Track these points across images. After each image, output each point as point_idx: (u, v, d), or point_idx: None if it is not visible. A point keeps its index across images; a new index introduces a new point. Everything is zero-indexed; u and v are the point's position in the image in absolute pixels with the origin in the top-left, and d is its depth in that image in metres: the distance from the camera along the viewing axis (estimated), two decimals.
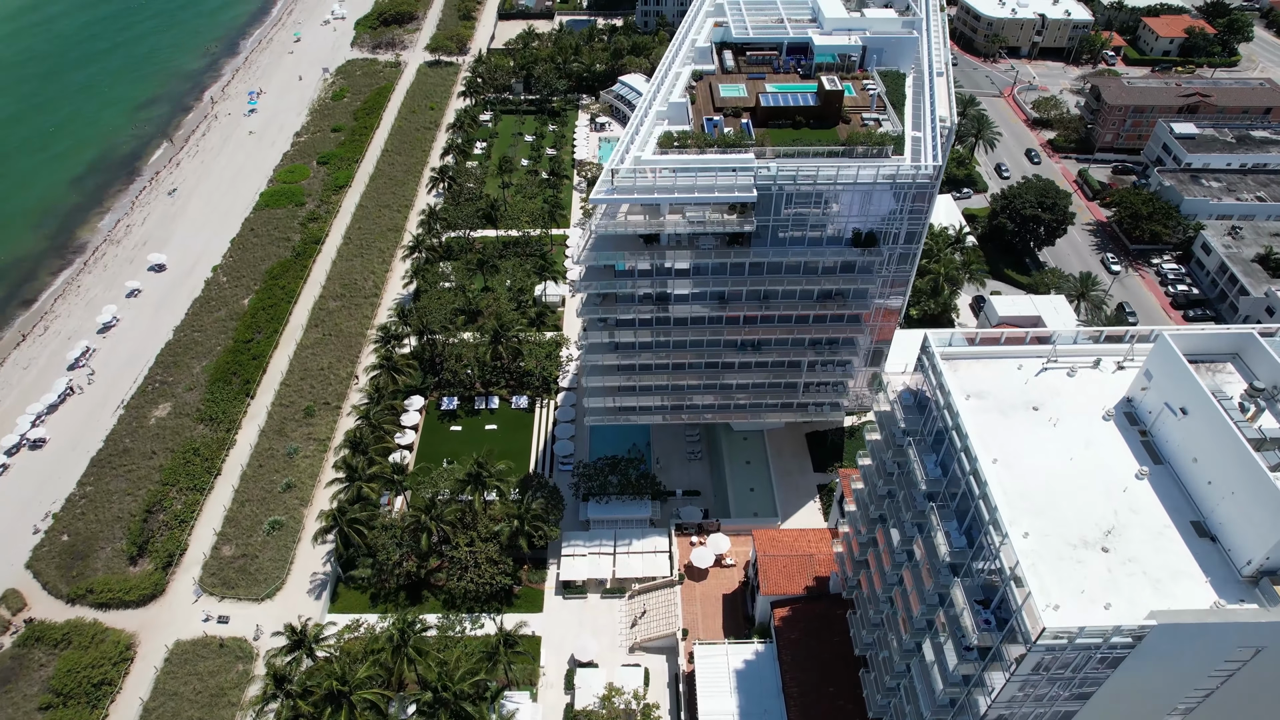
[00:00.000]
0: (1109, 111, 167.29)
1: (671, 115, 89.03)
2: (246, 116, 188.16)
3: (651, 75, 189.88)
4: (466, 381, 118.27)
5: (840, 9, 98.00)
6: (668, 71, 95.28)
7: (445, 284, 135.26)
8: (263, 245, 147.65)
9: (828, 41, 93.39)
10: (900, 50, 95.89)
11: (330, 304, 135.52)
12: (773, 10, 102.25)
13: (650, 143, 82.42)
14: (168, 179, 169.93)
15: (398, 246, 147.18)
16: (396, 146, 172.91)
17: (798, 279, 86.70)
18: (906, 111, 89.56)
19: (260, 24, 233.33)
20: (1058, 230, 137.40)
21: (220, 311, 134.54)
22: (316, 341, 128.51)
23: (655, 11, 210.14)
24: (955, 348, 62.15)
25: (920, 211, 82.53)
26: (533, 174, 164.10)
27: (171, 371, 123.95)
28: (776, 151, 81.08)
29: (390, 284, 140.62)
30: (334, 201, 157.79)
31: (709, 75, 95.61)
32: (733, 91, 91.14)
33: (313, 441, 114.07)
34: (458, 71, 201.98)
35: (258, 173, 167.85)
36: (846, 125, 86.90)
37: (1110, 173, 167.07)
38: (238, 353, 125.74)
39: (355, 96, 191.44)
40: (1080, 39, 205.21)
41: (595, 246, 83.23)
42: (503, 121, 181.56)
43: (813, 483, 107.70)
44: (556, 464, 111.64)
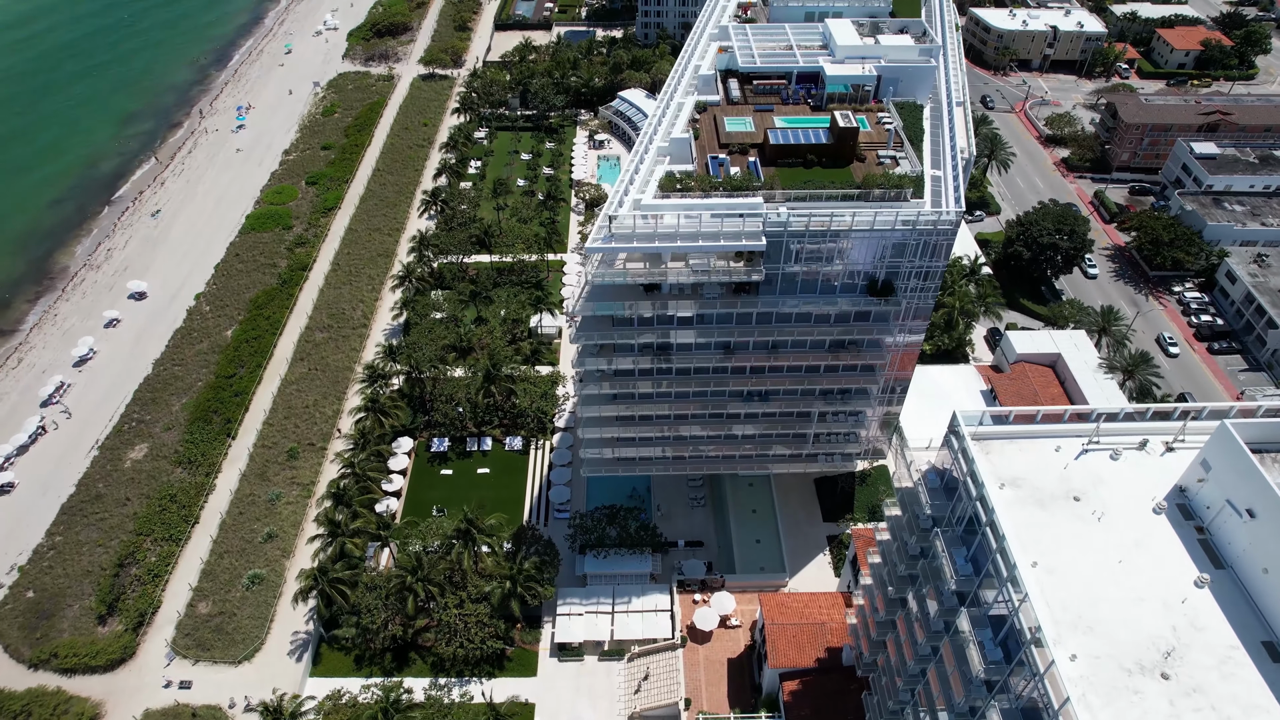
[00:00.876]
0: (1125, 130, 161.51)
1: (674, 152, 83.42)
2: (234, 133, 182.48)
3: (652, 90, 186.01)
4: (458, 421, 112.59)
5: (853, 35, 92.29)
6: (669, 102, 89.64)
7: (437, 314, 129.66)
8: (248, 272, 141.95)
9: (840, 71, 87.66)
10: (917, 79, 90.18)
11: (317, 335, 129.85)
12: (781, 36, 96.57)
13: (651, 184, 76.73)
14: (151, 200, 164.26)
15: (388, 273, 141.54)
16: (388, 165, 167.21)
17: (809, 328, 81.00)
18: (925, 147, 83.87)
19: (251, 35, 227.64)
20: (1076, 258, 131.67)
21: (202, 343, 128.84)
22: (302, 376, 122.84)
23: (656, 24, 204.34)
24: (987, 427, 56.37)
25: (941, 257, 76.78)
26: (529, 195, 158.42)
27: (149, 409, 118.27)
28: (787, 195, 75.38)
29: (380, 313, 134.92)
30: (323, 225, 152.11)
31: (713, 107, 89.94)
32: (739, 126, 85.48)
33: (296, 486, 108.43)
34: (452, 85, 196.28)
35: (244, 194, 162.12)
36: (861, 164, 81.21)
37: (1127, 193, 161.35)
38: (219, 389, 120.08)
39: (346, 112, 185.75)
40: (1093, 52, 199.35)
41: (591, 297, 77.51)
42: (498, 139, 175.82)
43: (822, 534, 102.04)
44: (552, 511, 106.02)
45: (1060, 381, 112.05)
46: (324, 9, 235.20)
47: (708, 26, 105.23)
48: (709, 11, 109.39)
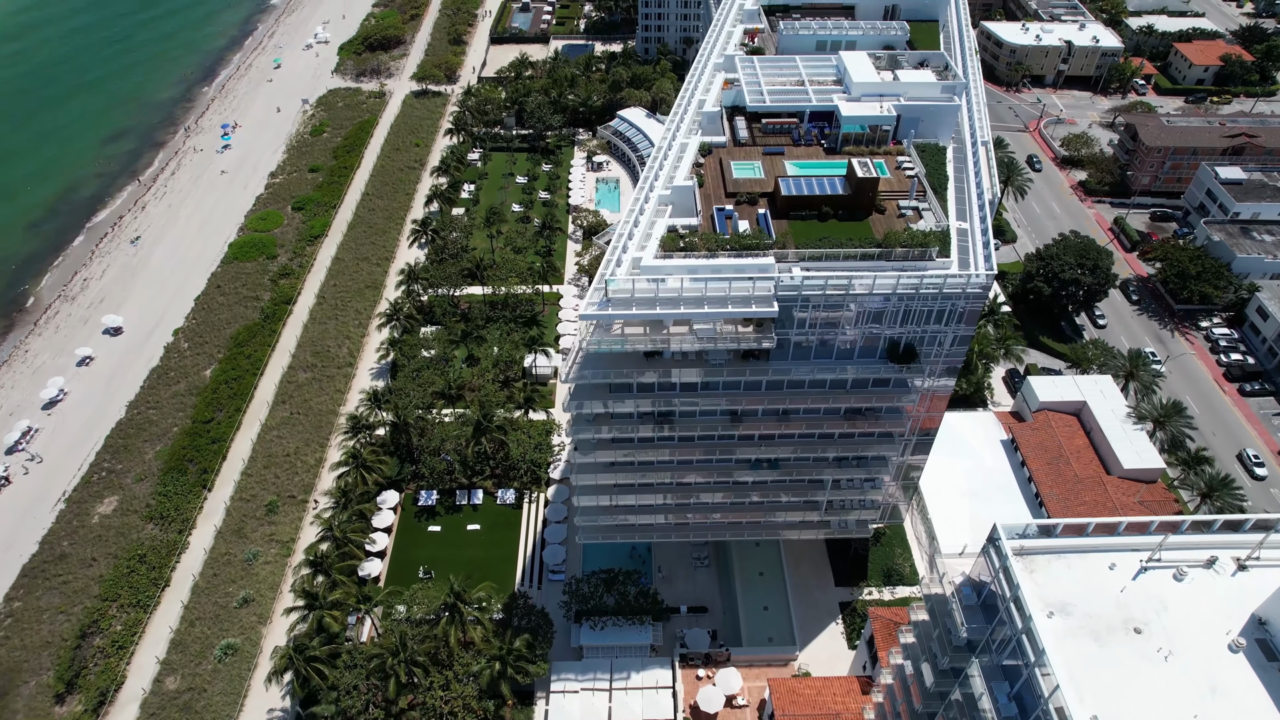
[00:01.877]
0: (1146, 153, 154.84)
1: (676, 201, 76.77)
2: (220, 153, 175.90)
3: (653, 109, 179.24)
4: (447, 474, 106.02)
5: (869, 70, 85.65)
6: (671, 142, 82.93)
7: (426, 352, 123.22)
8: (229, 305, 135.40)
9: (857, 112, 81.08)
10: (939, 119, 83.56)
11: (300, 376, 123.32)
12: (791, 70, 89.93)
13: (652, 242, 70.13)
14: (131, 225, 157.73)
15: (376, 307, 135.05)
16: (378, 189, 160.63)
17: (823, 395, 74.46)
18: (949, 195, 77.25)
19: (240, 49, 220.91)
20: (1099, 294, 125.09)
21: (179, 384, 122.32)
22: (283, 421, 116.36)
23: (656, 38, 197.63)
24: (1031, 540, 49.80)
25: (969, 322, 70.21)
26: (524, 221, 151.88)
27: (121, 457, 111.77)
28: (800, 254, 68.84)
29: (366, 351, 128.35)
30: (308, 254, 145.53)
31: (719, 149, 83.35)
32: (747, 172, 78.90)
33: (275, 544, 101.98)
34: (446, 102, 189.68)
35: (228, 219, 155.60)
36: (881, 215, 74.62)
37: (1148, 219, 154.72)
38: (196, 435, 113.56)
39: (336, 131, 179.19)
40: (1109, 67, 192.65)
41: (586, 364, 70.94)
42: (492, 161, 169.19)
43: (835, 599, 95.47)
44: (546, 573, 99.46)
45: (1086, 432, 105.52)
46: (315, 21, 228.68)
47: (712, 55, 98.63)
48: (714, 38, 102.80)
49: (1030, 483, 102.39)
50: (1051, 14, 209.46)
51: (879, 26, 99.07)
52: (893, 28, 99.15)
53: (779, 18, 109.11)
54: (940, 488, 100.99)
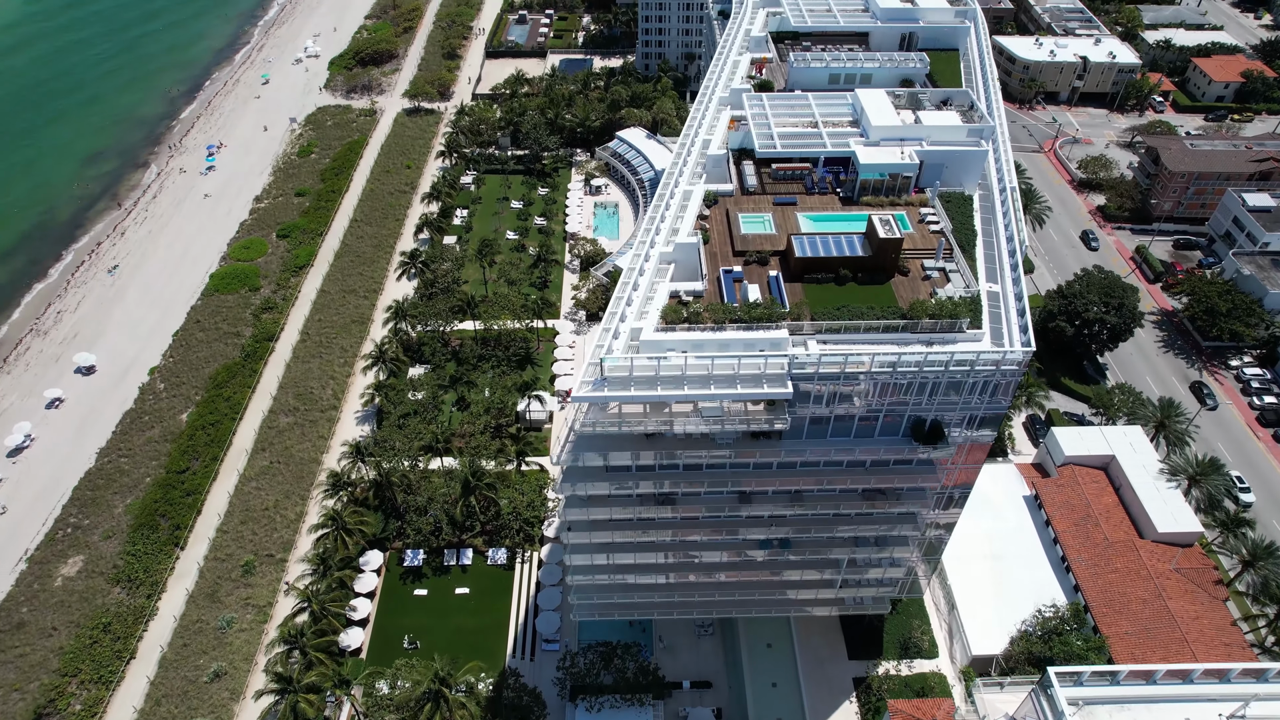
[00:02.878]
0: (1169, 178, 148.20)
1: (678, 259, 70.23)
2: (204, 175, 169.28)
3: (653, 129, 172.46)
4: (433, 535, 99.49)
5: (889, 111, 78.95)
6: (673, 189, 76.37)
7: (414, 394, 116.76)
8: (209, 342, 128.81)
9: (876, 159, 74.40)
10: (965, 165, 76.96)
11: (281, 420, 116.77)
12: (803, 109, 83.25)
13: (652, 312, 63.54)
14: (110, 253, 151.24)
15: (362, 344, 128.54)
16: (367, 215, 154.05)
17: (840, 476, 67.89)
18: (978, 252, 70.76)
19: (227, 63, 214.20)
20: (1124, 334, 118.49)
21: (153, 430, 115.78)
22: (262, 471, 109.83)
23: (657, 54, 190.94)
24: (1089, 689, 43.30)
25: (1004, 398, 63.68)
26: (519, 250, 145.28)
27: (89, 511, 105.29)
28: (817, 326, 62.27)
29: (352, 392, 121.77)
30: (293, 285, 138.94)
31: (725, 198, 76.73)
32: (756, 227, 72.30)
33: (251, 609, 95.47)
34: (439, 120, 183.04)
35: (210, 247, 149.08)
36: (904, 277, 68.02)
37: (1171, 247, 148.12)
38: (169, 487, 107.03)
39: (324, 151, 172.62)
40: (1125, 84, 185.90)
41: (579, 447, 64.34)
42: (486, 184, 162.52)
43: (848, 674, 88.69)
44: (540, 643, 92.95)
45: (1115, 488, 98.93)
46: (306, 33, 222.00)
47: (717, 88, 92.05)
48: (719, 68, 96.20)
49: (1056, 544, 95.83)
50: (1065, 27, 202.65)
51: (896, 58, 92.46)
52: (910, 59, 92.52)
53: (788, 46, 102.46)
54: (959, 550, 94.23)
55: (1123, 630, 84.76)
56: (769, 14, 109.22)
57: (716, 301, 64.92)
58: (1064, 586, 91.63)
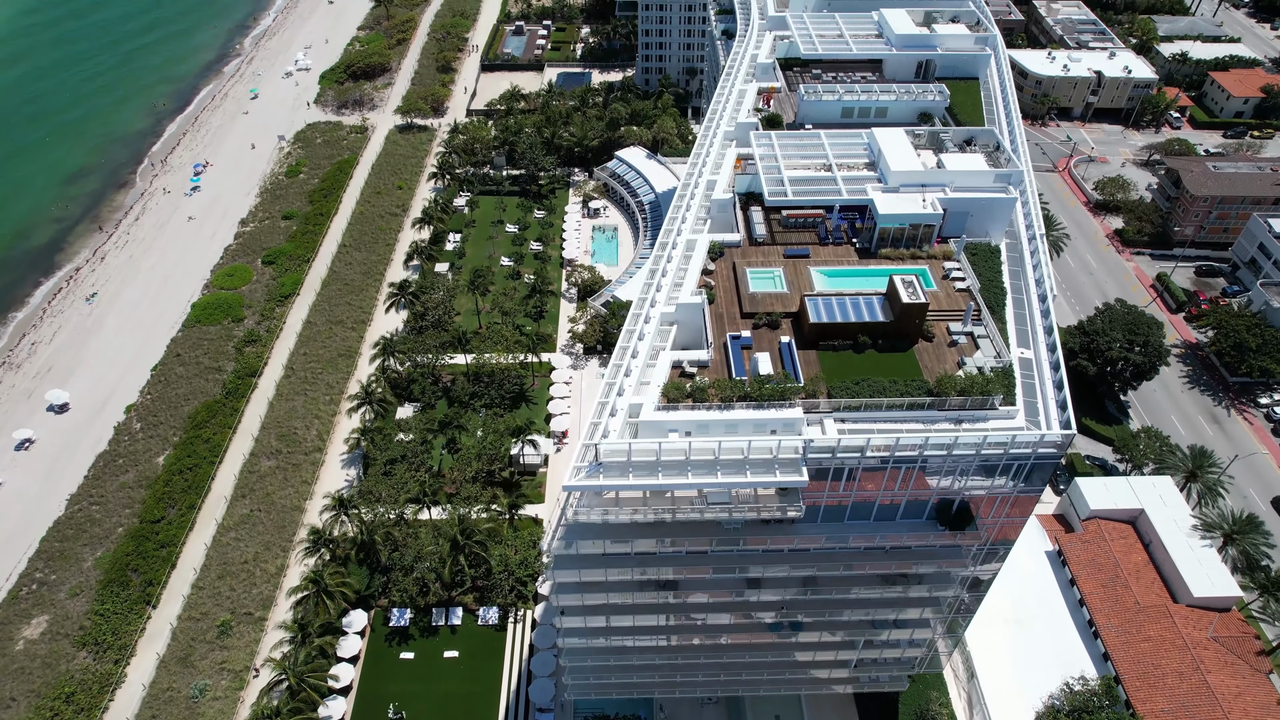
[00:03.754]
0: (1190, 201, 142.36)
1: (681, 320, 64.48)
2: (188, 196, 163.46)
3: (653, 149, 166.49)
4: (420, 592, 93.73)
5: (908, 153, 73.13)
6: (675, 238, 70.59)
7: (402, 435, 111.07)
8: (189, 378, 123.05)
9: (896, 208, 68.57)
10: (992, 213, 71.17)
11: (263, 464, 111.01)
12: (816, 149, 77.31)
13: (652, 386, 57.69)
14: (89, 279, 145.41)
15: (350, 379, 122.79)
16: (356, 240, 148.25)
17: (859, 561, 62.12)
18: (1007, 311, 64.97)
19: (215, 76, 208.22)
20: (1149, 373, 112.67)
21: (128, 474, 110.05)
22: (242, 520, 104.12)
23: (657, 68, 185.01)
24: None
25: (1039, 481, 57.87)
26: (514, 277, 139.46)
27: (56, 565, 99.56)
28: (835, 404, 56.45)
29: (337, 433, 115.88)
30: (278, 316, 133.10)
31: (731, 249, 70.94)
32: (766, 283, 66.51)
33: (226, 674, 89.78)
34: (432, 137, 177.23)
35: (193, 274, 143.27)
36: (929, 343, 62.19)
37: (1193, 274, 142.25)
38: (142, 538, 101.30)
39: (313, 171, 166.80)
40: (1141, 100, 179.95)
41: (570, 536, 58.49)
42: (480, 206, 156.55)
43: None
44: (534, 713, 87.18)
45: (1145, 544, 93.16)
46: (297, 45, 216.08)
47: (722, 121, 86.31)
48: (724, 99, 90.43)
49: (1082, 606, 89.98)
50: (1078, 40, 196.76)
51: (913, 90, 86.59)
52: (929, 91, 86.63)
53: (797, 74, 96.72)
54: (979, 613, 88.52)
55: (1159, 707, 78.99)
56: (776, 38, 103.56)
57: (724, 375, 59.07)
58: (1092, 655, 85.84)
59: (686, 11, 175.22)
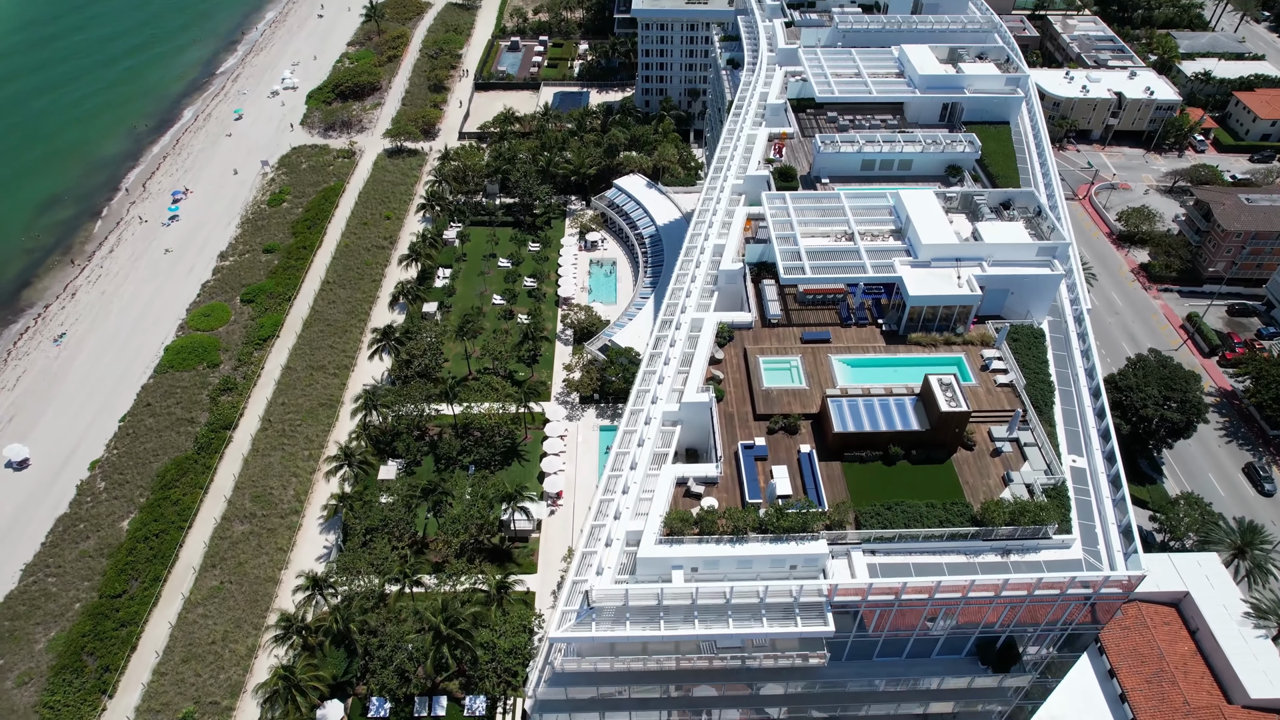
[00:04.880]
0: (1222, 237, 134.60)
1: (686, 419, 56.83)
2: (166, 226, 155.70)
3: (654, 177, 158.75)
4: (400, 684, 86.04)
5: (940, 221, 65.31)
6: (677, 318, 62.94)
7: (385, 496, 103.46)
8: (159, 431, 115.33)
9: (928, 288, 60.84)
10: (1035, 291, 63.50)
11: (235, 529, 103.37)
12: (836, 214, 69.46)
13: (653, 513, 50.00)
14: (57, 318, 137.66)
15: (331, 431, 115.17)
16: (340, 276, 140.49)
17: (890, 702, 54.44)
18: (1055, 410, 57.30)
19: (199, 94, 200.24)
20: (1187, 431, 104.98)
21: (89, 540, 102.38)
22: (211, 594, 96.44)
23: (658, 89, 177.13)
24: None
25: (1104, 618, 50.23)
26: (507, 317, 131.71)
27: (5, 648, 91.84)
28: (864, 535, 48.79)
29: (316, 493, 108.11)
30: (256, 361, 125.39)
31: (742, 331, 63.25)
32: (782, 377, 58.80)
33: None
34: (423, 162, 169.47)
35: (167, 313, 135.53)
36: (969, 452, 54.51)
37: (1225, 314, 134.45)
38: (101, 616, 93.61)
39: (298, 199, 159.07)
40: (1164, 122, 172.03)
41: (556, 683, 50.73)
42: (472, 239, 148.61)
43: None
44: None
45: (1191, 631, 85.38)
46: (284, 62, 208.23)
47: (730, 172, 78.63)
48: (731, 146, 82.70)
49: (1123, 703, 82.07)
50: (1096, 59, 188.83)
51: (940, 140, 78.79)
52: (958, 141, 78.84)
53: (811, 117, 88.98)
54: None
55: None
56: (788, 74, 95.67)
57: (735, 495, 51.38)
58: None
59: (688, 31, 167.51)
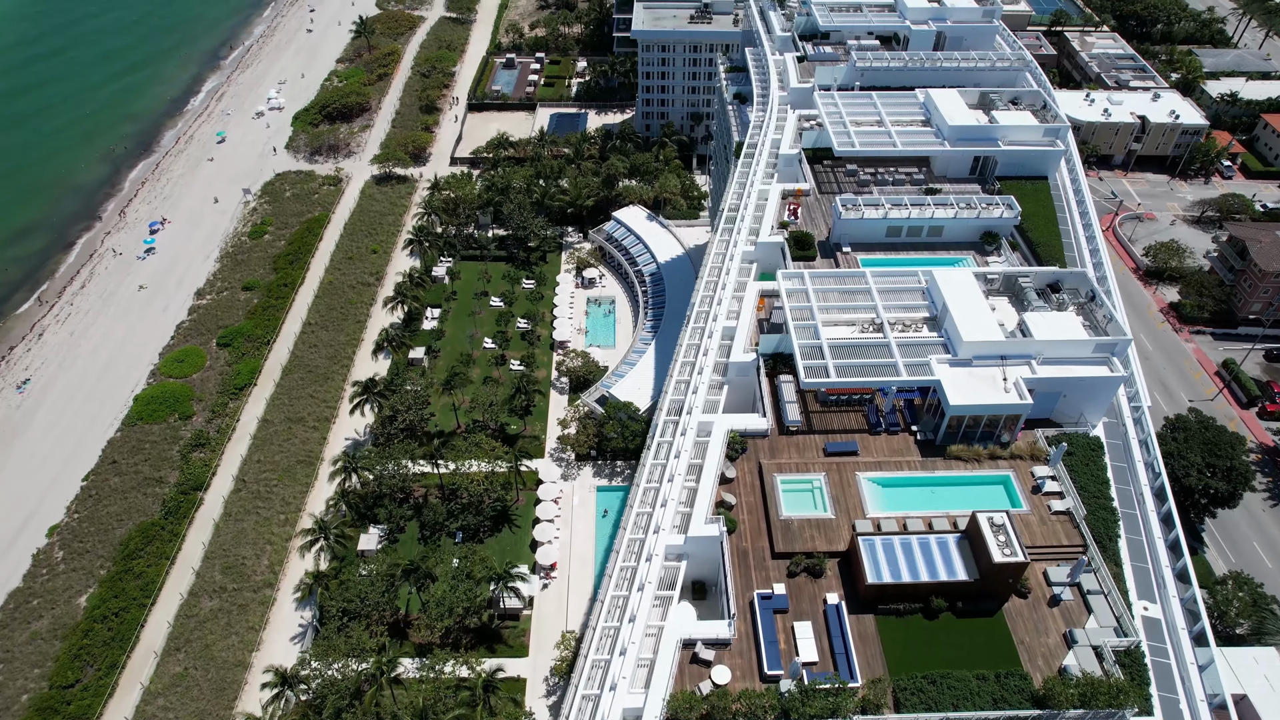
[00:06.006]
0: (1259, 277, 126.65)
1: (693, 553, 48.97)
2: (141, 260, 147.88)
3: (655, 208, 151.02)
4: None
5: (982, 310, 57.38)
6: (682, 424, 55.07)
7: (364, 570, 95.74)
8: (125, 492, 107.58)
9: (969, 396, 52.98)
10: (1091, 395, 55.56)
11: (203, 605, 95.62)
12: (862, 296, 61.51)
13: (652, 696, 42.17)
14: (22, 361, 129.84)
15: (310, 491, 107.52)
16: (322, 317, 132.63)
17: None
18: (1121, 544, 49.46)
19: (180, 115, 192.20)
20: (1231, 500, 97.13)
21: (42, 620, 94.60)
22: (174, 682, 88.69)
23: (659, 113, 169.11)
24: None
25: None
26: (499, 362, 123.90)
27: None
28: (903, 709, 40.94)
29: (292, 564, 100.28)
30: (231, 412, 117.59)
31: (755, 440, 55.40)
32: (804, 504, 51.04)
33: None
34: (412, 190, 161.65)
35: (139, 358, 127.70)
36: (1023, 600, 46.64)
37: (1263, 359, 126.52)
38: (49, 711, 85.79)
39: (280, 230, 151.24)
40: (1191, 147, 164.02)
41: None
42: (463, 275, 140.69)
43: None
44: None
45: None
46: (270, 80, 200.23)
47: (740, 238, 70.81)
48: (742, 203, 74.78)
49: None
50: (1116, 79, 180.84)
51: (974, 202, 70.87)
52: (994, 204, 70.92)
53: (829, 169, 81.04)
54: None
55: None
56: (801, 118, 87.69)
57: (751, 659, 43.54)
58: None
59: (691, 54, 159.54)
